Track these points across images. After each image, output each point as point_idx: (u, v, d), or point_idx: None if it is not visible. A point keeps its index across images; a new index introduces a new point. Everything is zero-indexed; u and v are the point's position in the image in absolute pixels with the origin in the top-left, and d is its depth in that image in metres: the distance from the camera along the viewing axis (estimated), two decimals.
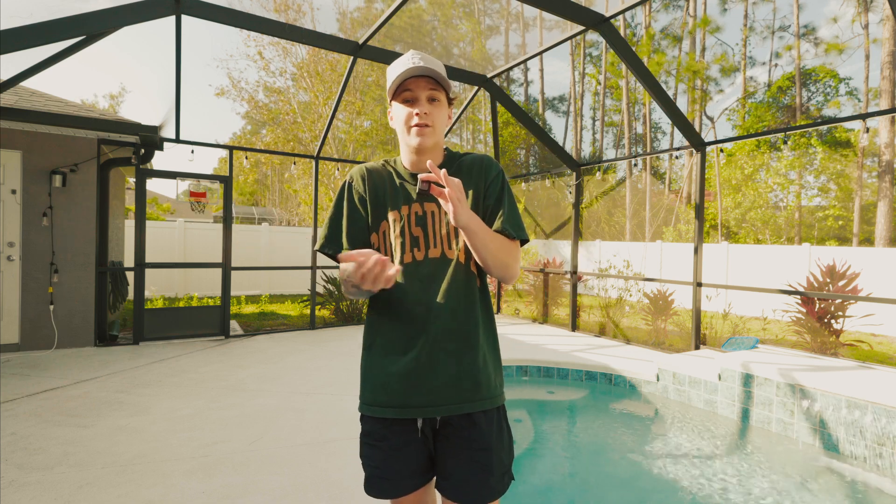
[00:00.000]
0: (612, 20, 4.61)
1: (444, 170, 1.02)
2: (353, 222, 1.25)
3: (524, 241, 1.23)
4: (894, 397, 2.94)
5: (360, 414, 1.24)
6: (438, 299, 1.16)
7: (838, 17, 18.89)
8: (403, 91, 1.19)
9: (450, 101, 1.25)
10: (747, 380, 3.69)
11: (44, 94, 5.75)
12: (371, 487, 1.21)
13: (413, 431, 1.16)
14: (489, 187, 1.23)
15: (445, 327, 1.15)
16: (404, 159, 1.27)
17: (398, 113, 1.21)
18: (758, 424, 3.60)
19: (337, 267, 7.43)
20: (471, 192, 1.22)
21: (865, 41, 16.87)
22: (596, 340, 6.14)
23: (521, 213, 1.34)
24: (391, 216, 1.22)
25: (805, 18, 29.53)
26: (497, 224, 1.19)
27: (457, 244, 1.19)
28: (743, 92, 20.37)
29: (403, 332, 1.17)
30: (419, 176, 1.02)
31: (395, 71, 1.18)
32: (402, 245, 1.20)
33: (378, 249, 1.23)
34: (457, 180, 1.04)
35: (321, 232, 1.28)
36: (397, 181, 1.26)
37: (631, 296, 7.63)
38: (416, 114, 1.17)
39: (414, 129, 1.18)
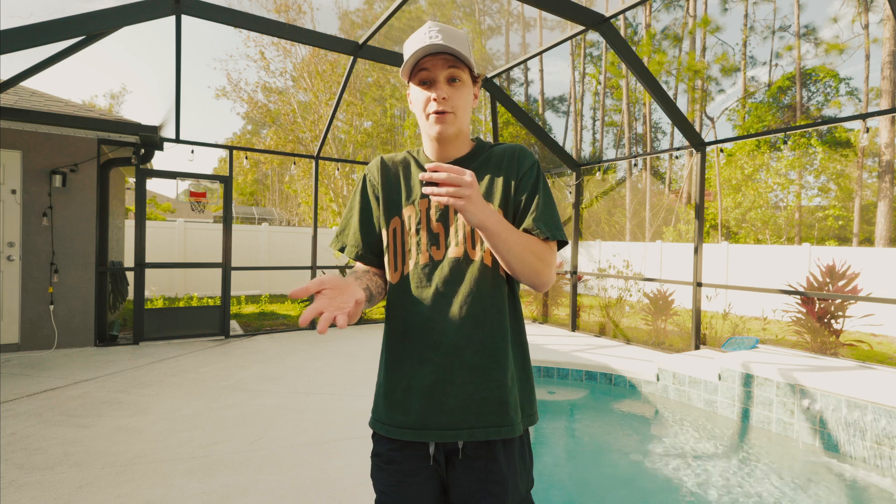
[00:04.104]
0: (613, 20, 4.61)
1: (444, 165, 0.87)
2: (366, 218, 1.14)
3: (562, 243, 1.06)
4: (894, 397, 2.94)
5: (371, 430, 1.12)
6: (459, 306, 1.02)
7: (838, 17, 18.89)
8: (419, 71, 1.03)
9: (474, 80, 1.09)
10: (747, 380, 3.69)
11: (44, 94, 5.75)
12: None
13: (426, 458, 1.03)
14: (521, 179, 1.07)
15: (467, 339, 1.01)
16: (426, 148, 1.13)
17: (415, 97, 1.06)
18: (758, 424, 3.60)
19: (336, 267, 7.43)
20: (500, 185, 1.07)
21: (866, 41, 16.87)
22: (596, 340, 6.14)
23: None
24: (406, 212, 1.09)
25: (805, 18, 29.57)
26: (527, 222, 1.03)
27: (482, 244, 1.04)
28: (743, 92, 20.37)
29: (419, 343, 1.03)
30: (420, 176, 0.88)
31: (409, 48, 1.03)
32: (419, 243, 1.06)
33: (387, 249, 1.11)
34: (468, 172, 0.87)
35: (337, 228, 1.19)
36: (417, 171, 1.12)
37: (631, 296, 7.63)
38: (434, 98, 1.02)
39: (432, 117, 1.03)
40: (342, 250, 1.16)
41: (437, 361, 1.02)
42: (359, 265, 1.15)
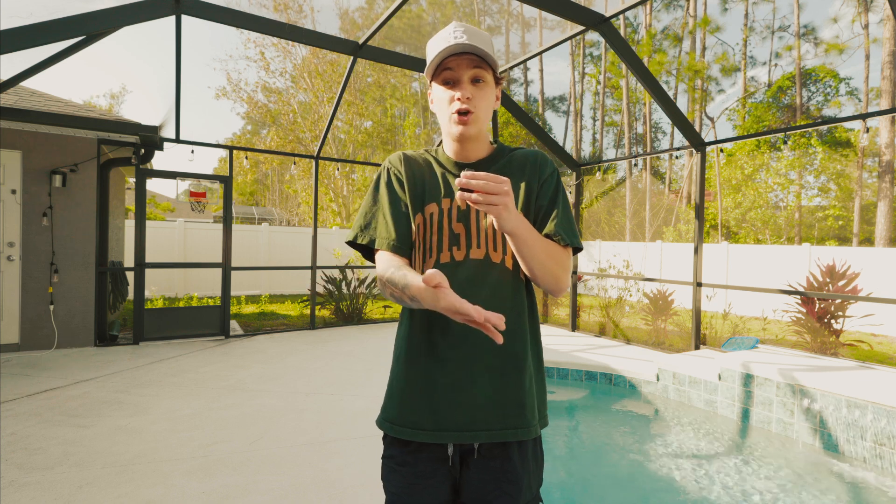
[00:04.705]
0: (613, 20, 4.61)
1: (482, 173, 0.85)
2: (397, 208, 1.10)
3: (577, 250, 1.08)
4: (894, 397, 2.94)
5: (382, 433, 1.09)
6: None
7: (838, 17, 18.89)
8: (443, 71, 1.03)
9: (497, 81, 1.09)
10: (747, 380, 3.69)
11: (44, 94, 5.75)
12: None
13: (442, 459, 1.03)
14: (543, 185, 1.09)
15: (487, 341, 1.00)
16: (446, 147, 1.13)
17: (438, 96, 1.06)
18: (758, 424, 3.60)
19: (336, 267, 7.41)
20: (522, 190, 1.08)
21: (865, 41, 16.87)
22: (596, 340, 6.14)
23: None
24: (428, 209, 1.08)
25: (805, 18, 29.58)
26: (549, 228, 1.04)
27: (504, 247, 1.05)
28: (743, 92, 20.38)
29: (438, 343, 1.03)
30: (457, 182, 0.86)
31: (434, 47, 1.03)
32: (440, 242, 1.05)
33: (413, 245, 1.10)
34: (505, 180, 0.86)
35: (355, 223, 1.12)
36: (438, 170, 1.12)
37: (631, 296, 7.63)
38: (457, 98, 1.02)
39: (454, 117, 1.03)
40: (371, 243, 1.10)
41: (457, 362, 1.02)
42: (387, 258, 1.06)
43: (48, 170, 5.04)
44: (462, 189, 0.85)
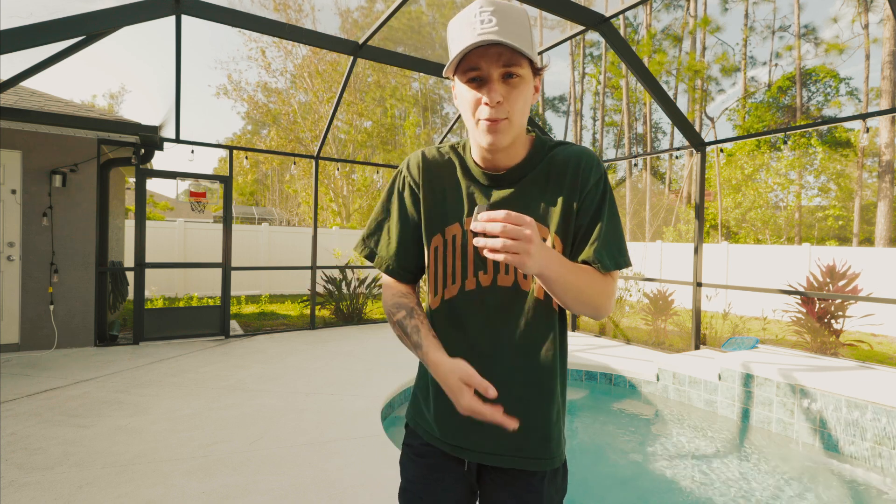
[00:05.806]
0: (613, 20, 4.61)
1: (499, 214, 0.71)
2: (405, 229, 1.00)
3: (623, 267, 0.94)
4: (894, 397, 2.94)
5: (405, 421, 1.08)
6: (508, 338, 0.94)
7: (838, 17, 18.91)
8: (469, 69, 0.84)
9: (536, 72, 0.88)
10: (747, 380, 3.69)
11: (44, 94, 5.75)
12: (403, 502, 1.06)
13: (458, 462, 1.01)
14: (585, 200, 0.92)
15: (513, 370, 0.94)
16: (474, 152, 0.96)
17: (462, 94, 0.88)
18: (758, 424, 3.60)
19: (336, 267, 7.40)
20: (559, 209, 0.92)
21: (866, 41, 16.87)
22: (596, 340, 6.14)
23: None
24: (450, 230, 0.96)
25: (805, 18, 29.60)
26: (587, 253, 0.90)
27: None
28: (743, 92, 20.39)
29: None
30: (472, 227, 0.73)
31: (456, 36, 0.84)
32: (465, 267, 0.94)
33: (427, 269, 0.99)
34: (528, 221, 0.72)
35: (365, 229, 1.05)
36: (463, 182, 0.97)
37: (631, 296, 7.63)
38: (486, 102, 0.84)
39: (483, 125, 0.85)
40: (370, 258, 1.03)
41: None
42: (391, 284, 1.03)
43: (48, 170, 5.04)
44: (475, 233, 0.73)
